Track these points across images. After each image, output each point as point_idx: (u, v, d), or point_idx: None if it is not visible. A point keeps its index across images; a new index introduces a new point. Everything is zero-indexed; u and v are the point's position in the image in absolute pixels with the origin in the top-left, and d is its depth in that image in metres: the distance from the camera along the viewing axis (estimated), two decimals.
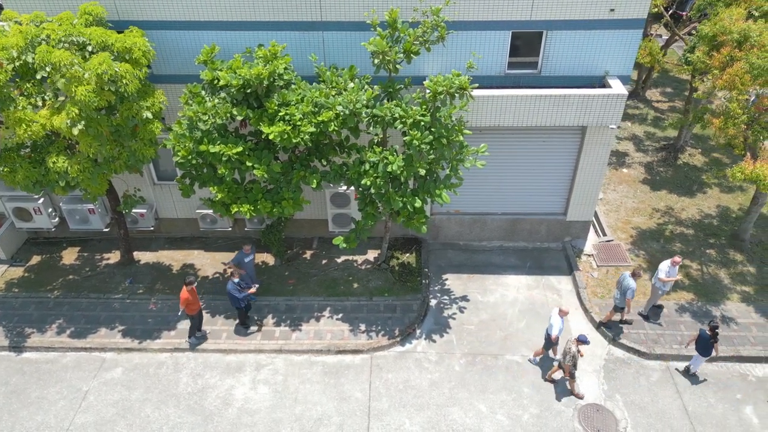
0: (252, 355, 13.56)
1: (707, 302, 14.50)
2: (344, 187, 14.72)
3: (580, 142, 14.62)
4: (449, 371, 13.12)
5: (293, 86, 12.16)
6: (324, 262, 16.02)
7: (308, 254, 16.25)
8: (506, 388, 12.75)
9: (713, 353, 12.36)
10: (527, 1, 12.47)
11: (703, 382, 12.76)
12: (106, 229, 16.13)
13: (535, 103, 13.11)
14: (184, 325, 14.15)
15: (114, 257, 16.22)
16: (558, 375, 12.87)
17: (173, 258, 16.24)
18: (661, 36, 26.21)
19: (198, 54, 12.68)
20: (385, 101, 12.02)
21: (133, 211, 15.66)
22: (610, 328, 13.81)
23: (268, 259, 16.03)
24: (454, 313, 14.56)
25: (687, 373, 12.90)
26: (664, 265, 13.63)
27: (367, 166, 11.48)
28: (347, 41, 13.05)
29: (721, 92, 12.93)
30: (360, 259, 16.12)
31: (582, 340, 11.80)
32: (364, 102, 11.01)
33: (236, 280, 13.21)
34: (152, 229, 16.35)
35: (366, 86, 12.03)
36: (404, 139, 11.23)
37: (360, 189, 12.16)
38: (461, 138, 11.22)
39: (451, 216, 16.32)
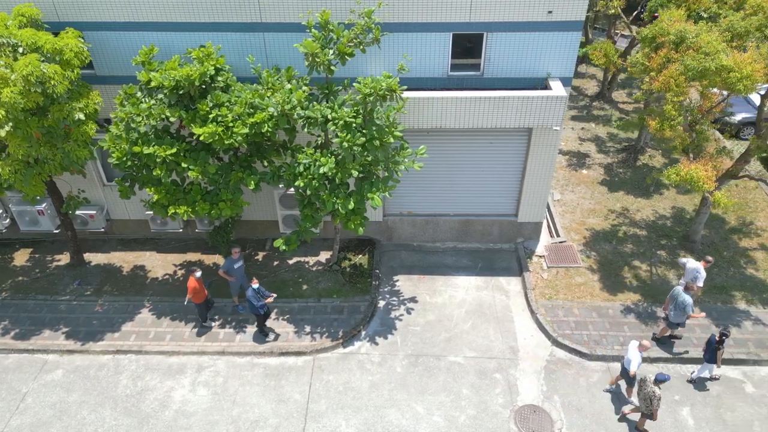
0: (195, 357, 13.52)
1: (653, 303, 14.54)
2: (283, 189, 14.71)
3: (527, 144, 14.66)
4: (391, 372, 13.12)
5: (250, 87, 12.14)
6: (275, 263, 16.00)
7: (261, 256, 16.22)
8: (446, 389, 12.75)
9: (716, 362, 12.10)
10: (466, 3, 12.50)
11: (707, 390, 12.60)
12: (56, 231, 16.07)
13: (475, 105, 13.13)
14: (129, 326, 14.12)
15: (65, 259, 16.16)
16: (635, 416, 12.03)
17: (124, 260, 16.19)
18: (626, 37, 26.31)
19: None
20: (323, 102, 12.02)
21: (83, 212, 15.64)
22: (664, 344, 13.40)
23: (219, 260, 16.00)
24: (402, 315, 14.56)
25: (699, 379, 12.75)
26: (701, 269, 13.30)
27: (301, 168, 11.47)
28: (289, 42, 13.03)
29: (663, 93, 12.94)
30: (312, 260, 16.10)
31: (661, 380, 11.00)
32: (294, 103, 11.00)
33: (255, 286, 12.94)
34: (103, 230, 16.29)
35: (304, 87, 12.03)
36: (334, 140, 11.22)
37: (298, 190, 12.14)
38: (391, 140, 11.20)
39: (404, 217, 16.33)
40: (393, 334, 14.03)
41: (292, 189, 14.73)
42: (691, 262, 13.63)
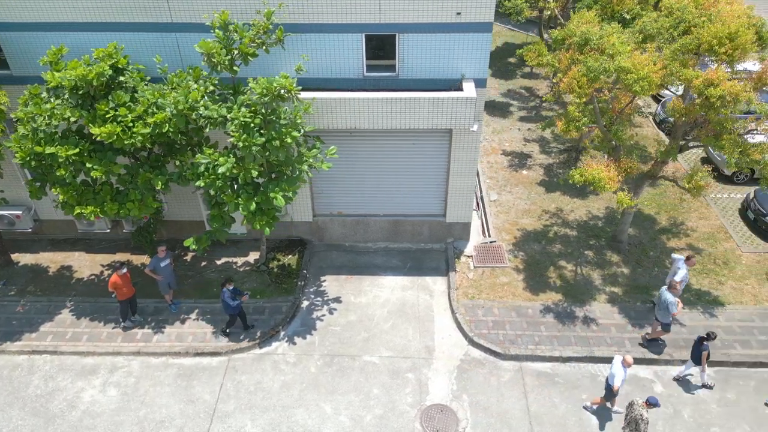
0: (109, 358, 13.51)
1: (573, 303, 14.63)
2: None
3: (449, 145, 14.72)
4: (304, 373, 13.14)
5: (152, 87, 12.14)
6: (203, 264, 15.99)
7: (189, 256, 16.22)
8: (356, 389, 12.78)
9: (702, 363, 12.09)
10: (375, 4, 12.54)
11: (710, 388, 12.63)
12: None
13: (387, 106, 13.17)
14: (47, 327, 14.10)
15: None
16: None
17: (52, 260, 16.15)
18: None
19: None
20: (226, 103, 12.02)
21: (8, 212, 15.60)
22: (655, 345, 13.41)
23: (148, 261, 15.96)
24: (324, 315, 14.59)
25: (685, 379, 12.80)
26: (682, 266, 13.33)
27: (202, 168, 11.48)
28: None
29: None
30: (240, 260, 16.11)
31: (653, 403, 10.74)
32: (190, 103, 11.01)
33: (231, 287, 13.04)
34: (31, 230, 16.25)
35: (211, 87, 12.03)
36: (230, 140, 11.25)
37: (206, 191, 12.15)
38: (288, 140, 11.22)
39: (334, 218, 16.36)
40: (312, 335, 14.06)
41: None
42: (679, 260, 13.62)
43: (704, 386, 12.71)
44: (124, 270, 13.36)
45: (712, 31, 11.02)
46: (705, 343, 12.10)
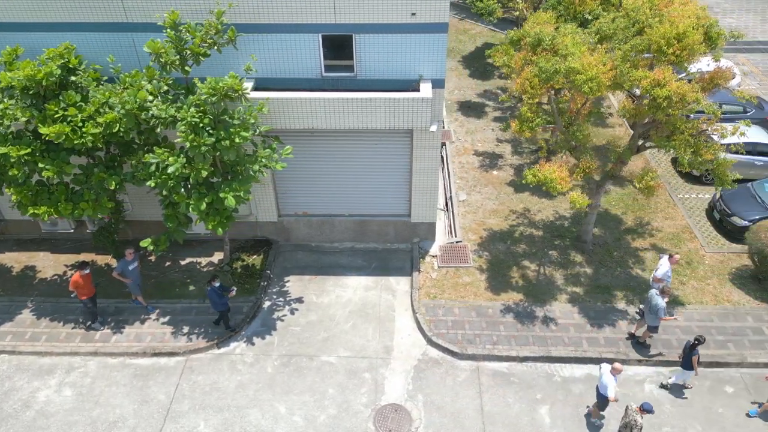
0: (67, 358, 13.50)
1: (534, 303, 14.66)
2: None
3: (410, 146, 14.74)
4: (261, 373, 13.15)
5: (103, 87, 12.15)
6: (167, 264, 15.99)
7: (153, 256, 16.20)
8: (312, 389, 12.80)
9: (692, 367, 12.04)
10: (330, 4, 12.55)
11: (688, 389, 12.67)
12: None
13: (344, 106, 13.19)
14: (7, 327, 14.11)
15: None
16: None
17: (17, 260, 16.13)
18: None
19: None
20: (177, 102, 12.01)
21: None
22: (643, 347, 13.39)
23: (112, 261, 15.96)
24: (284, 315, 14.59)
25: (674, 385, 12.73)
26: (665, 265, 13.36)
27: (153, 168, 11.49)
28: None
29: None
30: (205, 261, 16.11)
31: (647, 410, 10.66)
32: (138, 103, 11.02)
33: (216, 284, 13.13)
34: None
35: (165, 87, 12.04)
36: (178, 140, 11.26)
37: (159, 191, 12.15)
38: (237, 140, 11.22)
39: (300, 218, 16.37)
40: (271, 335, 14.07)
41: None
42: (663, 259, 13.63)
43: (684, 387, 12.71)
44: (87, 270, 13.35)
45: (661, 32, 11.06)
46: (696, 348, 11.95)
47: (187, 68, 11.67)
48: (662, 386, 12.77)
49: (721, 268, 15.65)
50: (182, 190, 11.89)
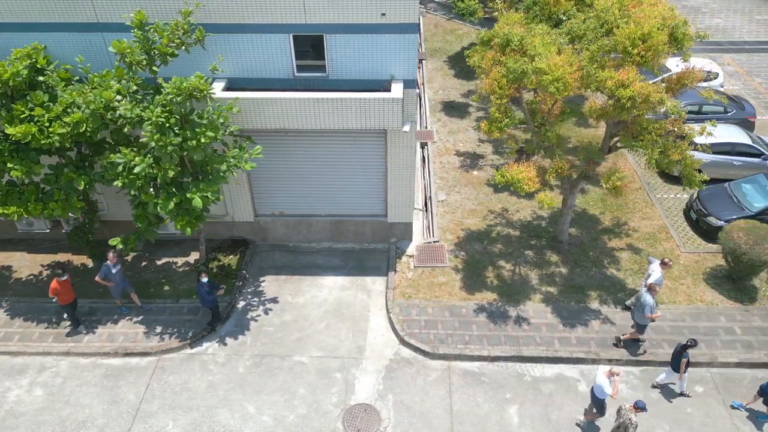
0: (39, 358, 13.50)
1: (508, 302, 14.69)
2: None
3: (385, 146, 14.76)
4: (232, 373, 13.16)
5: (71, 87, 12.16)
6: (144, 264, 15.99)
7: (130, 256, 16.20)
8: (283, 389, 12.81)
9: (681, 370, 12.04)
10: (299, 4, 12.56)
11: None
12: None
13: (315, 106, 13.21)
14: None
15: None
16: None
17: None
18: None
19: None
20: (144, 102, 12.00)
21: None
22: (633, 345, 13.39)
23: (88, 262, 15.96)
24: (258, 315, 14.60)
25: (664, 386, 12.76)
26: (656, 269, 13.34)
27: (120, 168, 11.50)
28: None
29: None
30: (181, 261, 16.11)
31: (641, 407, 10.67)
32: (103, 102, 11.03)
33: (204, 279, 13.22)
34: None
35: (134, 87, 12.04)
36: (143, 140, 11.27)
37: (128, 191, 12.16)
38: (203, 141, 11.23)
39: (276, 218, 16.39)
40: (245, 335, 14.08)
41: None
42: (655, 263, 13.65)
43: (682, 394, 12.61)
44: (65, 276, 13.24)
45: (626, 33, 11.08)
46: (686, 351, 11.95)
47: (155, 68, 11.68)
48: (653, 386, 12.79)
49: (696, 268, 15.70)
50: (151, 190, 11.89)
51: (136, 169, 11.10)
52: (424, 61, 27.43)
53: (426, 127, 22.57)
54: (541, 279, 15.39)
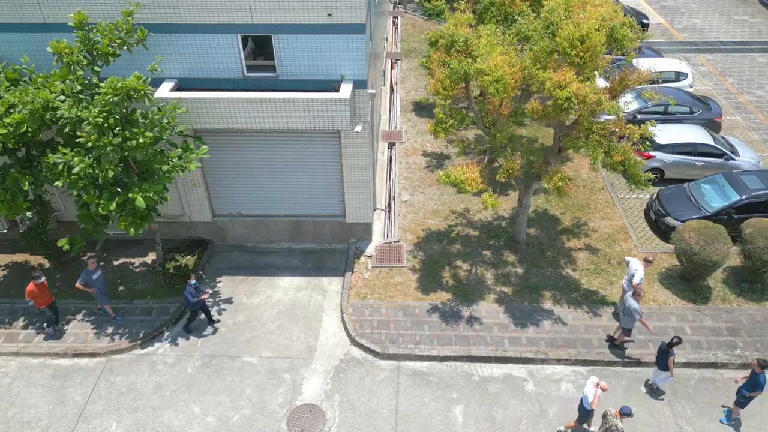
0: None
1: (461, 302, 14.71)
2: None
3: (339, 146, 14.77)
4: (180, 373, 13.15)
5: (15, 88, 12.13)
6: (101, 264, 15.95)
7: (87, 256, 16.16)
8: (230, 389, 12.81)
9: (669, 368, 12.01)
10: (245, 5, 12.57)
11: (663, 394, 12.61)
12: None
13: (262, 106, 13.21)
14: None
15: None
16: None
17: None
18: None
19: None
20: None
21: None
22: (618, 348, 13.41)
23: (45, 262, 15.93)
24: (212, 316, 14.59)
25: (651, 388, 12.73)
26: (639, 268, 13.25)
27: (60, 167, 11.49)
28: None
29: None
30: (138, 261, 16.09)
31: (626, 413, 10.63)
32: (41, 102, 11.02)
33: (192, 282, 13.25)
34: None
35: (78, 86, 12.02)
36: (80, 140, 11.25)
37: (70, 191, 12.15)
38: (142, 141, 11.22)
39: (234, 218, 16.38)
40: (196, 336, 14.06)
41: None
42: (633, 262, 13.62)
43: (656, 389, 12.65)
44: (42, 279, 13.12)
45: (565, 34, 11.11)
46: (671, 349, 11.94)
47: (96, 68, 11.67)
48: (646, 385, 12.80)
49: (651, 268, 15.72)
50: (94, 190, 11.87)
51: (75, 169, 11.08)
52: (399, 62, 27.49)
53: (396, 128, 22.62)
54: (496, 279, 15.42)
